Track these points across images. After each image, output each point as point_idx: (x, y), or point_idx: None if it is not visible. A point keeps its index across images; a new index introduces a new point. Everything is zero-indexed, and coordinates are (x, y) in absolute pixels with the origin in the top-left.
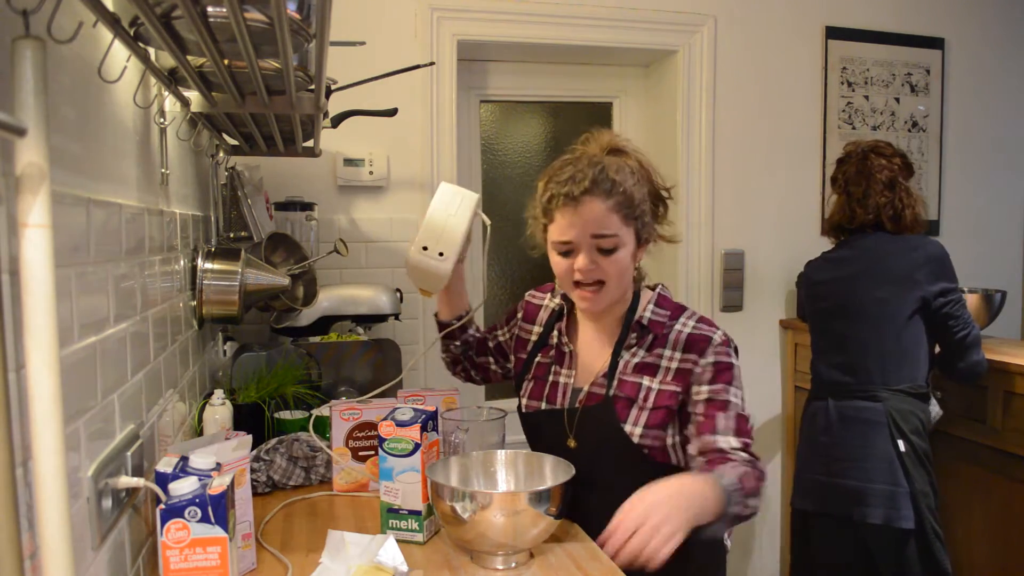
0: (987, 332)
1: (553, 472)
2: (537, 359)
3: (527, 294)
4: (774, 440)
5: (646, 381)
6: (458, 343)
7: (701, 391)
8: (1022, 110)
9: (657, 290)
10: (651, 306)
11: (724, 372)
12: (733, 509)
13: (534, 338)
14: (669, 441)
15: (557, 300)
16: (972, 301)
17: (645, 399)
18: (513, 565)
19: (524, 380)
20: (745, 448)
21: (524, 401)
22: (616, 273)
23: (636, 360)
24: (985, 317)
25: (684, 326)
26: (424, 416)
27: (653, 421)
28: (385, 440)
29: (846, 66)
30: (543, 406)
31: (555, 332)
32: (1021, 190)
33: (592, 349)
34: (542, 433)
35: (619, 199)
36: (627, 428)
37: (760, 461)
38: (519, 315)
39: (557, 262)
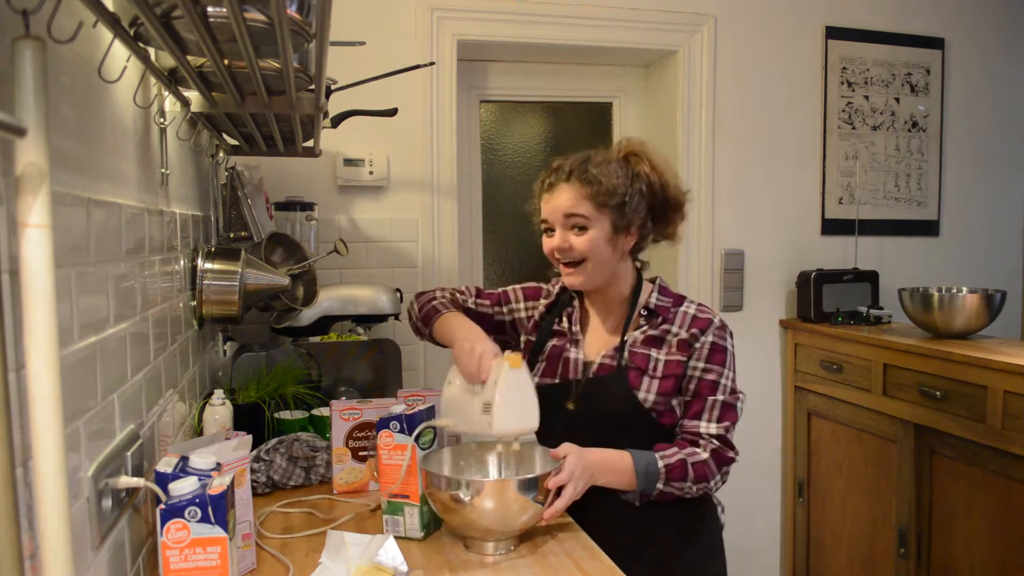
0: (987, 332)
1: (542, 461)
2: (551, 342)
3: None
4: (774, 439)
5: (654, 353)
6: None
7: (697, 367)
8: (1022, 110)
9: (657, 282)
10: (655, 294)
11: (719, 353)
12: (651, 488)
13: (536, 316)
14: (675, 402)
15: (556, 287)
16: (972, 301)
17: (655, 369)
18: (502, 552)
19: (537, 361)
20: (721, 436)
21: (536, 379)
22: (589, 251)
23: (643, 336)
24: (985, 317)
25: (688, 308)
26: (419, 419)
27: (664, 388)
28: (384, 450)
29: (846, 66)
30: (557, 381)
31: (564, 319)
32: (1021, 190)
33: (600, 332)
34: (543, 401)
35: (594, 188)
36: (640, 395)
37: (730, 449)
38: (518, 297)
39: (544, 242)
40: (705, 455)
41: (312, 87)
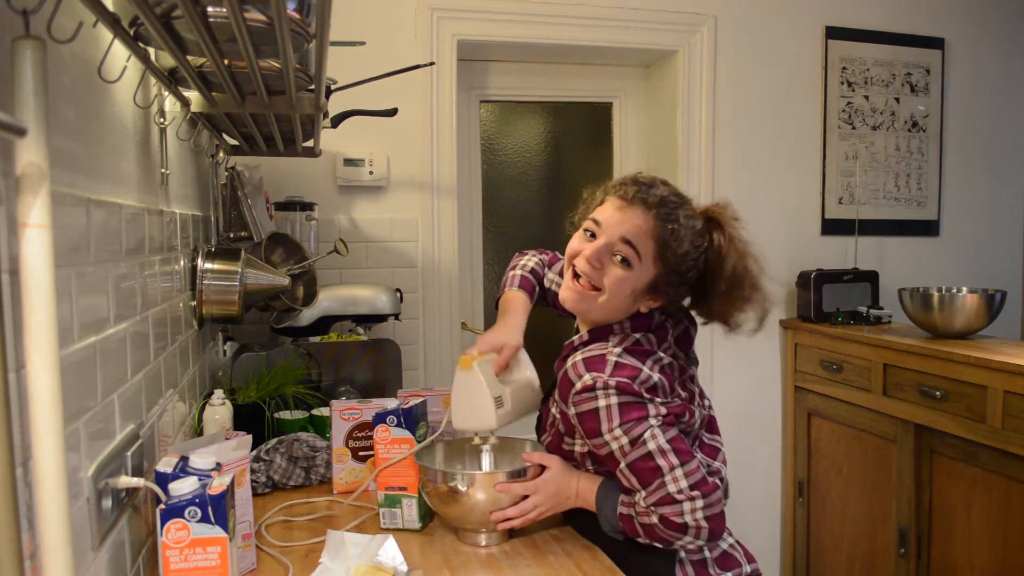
0: (987, 332)
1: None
2: None
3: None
4: (774, 439)
5: (554, 408)
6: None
7: (588, 443)
8: (1022, 110)
9: (617, 327)
10: (586, 331)
11: (588, 421)
12: (616, 532)
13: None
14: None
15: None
16: (972, 301)
17: (552, 424)
18: (495, 542)
19: None
20: (659, 503)
21: None
22: (611, 287)
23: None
24: (985, 317)
25: (573, 358)
26: (409, 416)
27: (551, 447)
28: (381, 445)
29: (846, 66)
30: None
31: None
32: (1021, 190)
33: None
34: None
35: (666, 236)
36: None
37: (677, 515)
38: None
39: (574, 240)
40: (654, 520)
41: (312, 87)
